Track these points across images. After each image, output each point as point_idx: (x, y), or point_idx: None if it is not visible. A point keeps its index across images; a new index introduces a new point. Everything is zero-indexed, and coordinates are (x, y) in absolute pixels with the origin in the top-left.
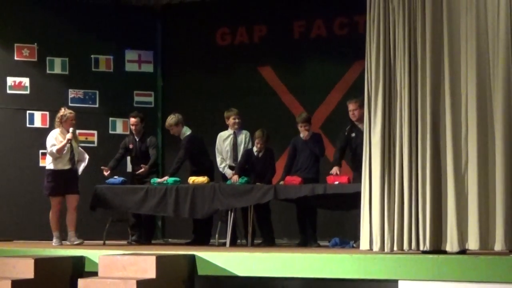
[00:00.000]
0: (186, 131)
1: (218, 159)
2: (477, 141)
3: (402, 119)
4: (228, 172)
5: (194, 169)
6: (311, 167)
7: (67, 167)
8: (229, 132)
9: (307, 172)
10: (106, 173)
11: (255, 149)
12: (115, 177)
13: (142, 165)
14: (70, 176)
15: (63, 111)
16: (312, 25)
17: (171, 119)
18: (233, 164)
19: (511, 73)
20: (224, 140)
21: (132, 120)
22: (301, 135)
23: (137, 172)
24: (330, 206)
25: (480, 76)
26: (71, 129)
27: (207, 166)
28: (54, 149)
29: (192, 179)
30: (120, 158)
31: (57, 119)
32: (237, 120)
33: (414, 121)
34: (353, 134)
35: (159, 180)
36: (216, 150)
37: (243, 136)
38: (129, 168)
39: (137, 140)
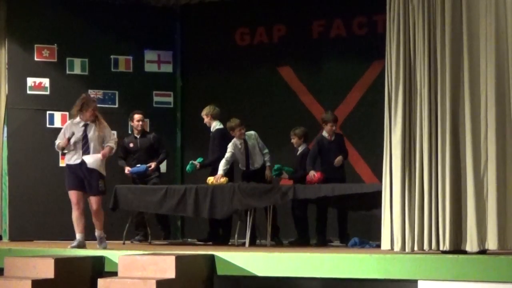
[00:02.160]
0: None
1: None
2: (496, 141)
3: (422, 118)
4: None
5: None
6: (339, 167)
7: (77, 161)
8: (237, 142)
9: (336, 172)
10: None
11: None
12: (138, 165)
13: (151, 164)
14: (85, 173)
15: (84, 96)
16: (331, 25)
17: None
18: (244, 169)
19: None
20: (238, 149)
21: (139, 116)
22: (326, 134)
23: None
24: (350, 207)
25: (500, 76)
26: (72, 134)
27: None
28: (56, 144)
29: (210, 180)
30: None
31: (75, 107)
32: (242, 131)
33: (434, 121)
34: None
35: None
36: (230, 155)
37: (252, 139)
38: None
39: (138, 137)
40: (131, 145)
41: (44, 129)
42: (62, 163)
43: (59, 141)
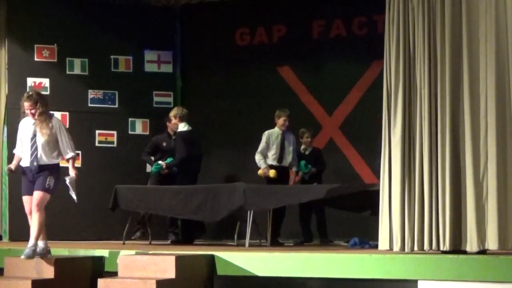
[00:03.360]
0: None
1: (258, 154)
2: (497, 142)
3: (422, 119)
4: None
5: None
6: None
7: (26, 164)
8: (278, 131)
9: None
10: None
11: (302, 147)
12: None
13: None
14: (36, 175)
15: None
16: (331, 25)
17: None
18: (275, 164)
19: None
20: (274, 139)
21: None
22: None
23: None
24: (349, 207)
25: (500, 76)
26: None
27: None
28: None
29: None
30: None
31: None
32: (287, 123)
33: (434, 121)
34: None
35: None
36: (264, 146)
37: (291, 138)
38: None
39: (173, 137)
40: (164, 144)
41: None
42: (62, 164)
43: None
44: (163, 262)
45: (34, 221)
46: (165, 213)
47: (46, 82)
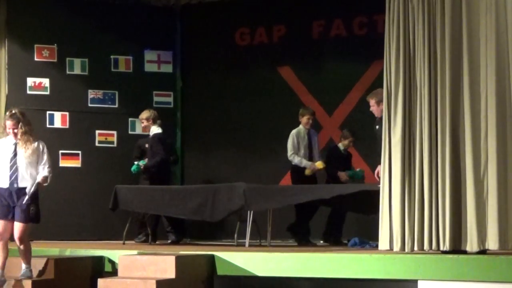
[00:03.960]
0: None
1: (294, 155)
2: (497, 141)
3: (422, 119)
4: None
5: None
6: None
7: (4, 186)
8: (303, 130)
9: None
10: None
11: (341, 147)
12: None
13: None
14: (15, 198)
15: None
16: (331, 25)
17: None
18: None
19: None
20: (302, 138)
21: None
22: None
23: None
24: (350, 207)
25: (500, 76)
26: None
27: None
28: None
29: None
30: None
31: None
32: (310, 121)
33: (434, 121)
34: None
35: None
36: (292, 147)
37: (316, 136)
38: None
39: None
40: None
41: (44, 129)
42: (62, 163)
43: None
44: (163, 262)
45: (22, 251)
46: (165, 213)
47: (46, 82)
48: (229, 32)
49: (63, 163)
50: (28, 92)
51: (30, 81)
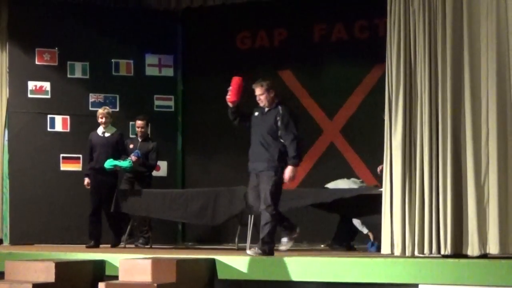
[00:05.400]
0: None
1: None
2: (497, 145)
3: (423, 122)
4: None
5: None
6: None
7: None
8: None
9: None
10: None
11: None
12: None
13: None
14: None
15: None
16: (333, 29)
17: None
18: None
19: None
20: None
21: (139, 122)
22: None
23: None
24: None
25: (501, 80)
26: None
27: None
28: None
29: None
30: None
31: None
32: None
33: (435, 125)
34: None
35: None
36: None
37: None
38: None
39: (140, 141)
40: (131, 146)
41: (45, 132)
42: (63, 167)
43: None
44: (164, 266)
45: None
46: (166, 217)
47: (47, 85)
48: (230, 36)
49: (64, 166)
50: (29, 95)
51: (31, 84)
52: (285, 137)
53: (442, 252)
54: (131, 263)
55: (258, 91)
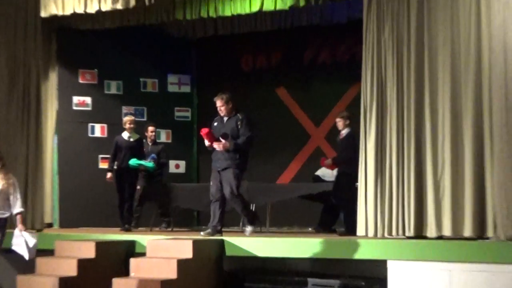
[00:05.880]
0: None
1: None
2: (451, 149)
3: (391, 130)
4: None
5: None
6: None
7: None
8: None
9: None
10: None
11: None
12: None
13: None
14: None
15: None
16: (319, 54)
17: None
18: None
19: (477, 95)
20: None
21: (152, 128)
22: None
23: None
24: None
25: (454, 98)
26: None
27: None
28: None
29: None
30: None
31: None
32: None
33: (401, 132)
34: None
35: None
36: None
37: None
38: None
39: (150, 145)
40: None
41: (86, 137)
42: (101, 165)
43: None
44: (183, 245)
45: None
46: (184, 206)
47: (88, 100)
48: (235, 59)
49: (102, 165)
50: (74, 108)
51: (75, 99)
52: (243, 134)
53: (407, 234)
54: (156, 243)
55: (218, 103)
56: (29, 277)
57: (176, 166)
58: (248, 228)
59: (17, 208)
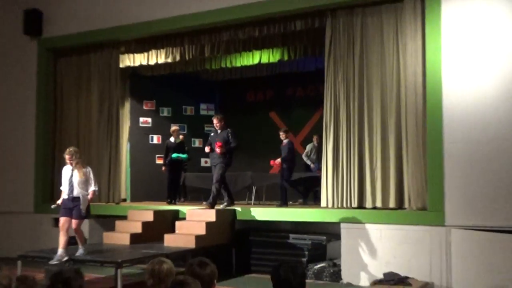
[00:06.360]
0: None
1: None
2: (381, 151)
3: (343, 139)
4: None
5: None
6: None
7: (65, 196)
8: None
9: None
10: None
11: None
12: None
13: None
14: (71, 203)
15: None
16: (296, 90)
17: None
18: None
19: (398, 115)
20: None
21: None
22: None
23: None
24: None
25: (383, 116)
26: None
27: None
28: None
29: None
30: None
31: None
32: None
33: (349, 139)
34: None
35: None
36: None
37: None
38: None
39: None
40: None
41: (148, 144)
42: (157, 161)
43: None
44: (210, 213)
45: (78, 238)
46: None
47: (149, 120)
48: (243, 93)
49: (158, 161)
50: (140, 125)
51: (141, 119)
52: (233, 142)
53: (352, 206)
54: (192, 211)
55: (215, 121)
56: (111, 233)
57: (205, 162)
58: (225, 204)
59: (92, 187)
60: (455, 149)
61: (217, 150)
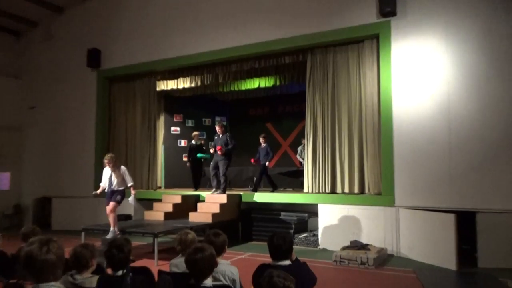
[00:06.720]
0: None
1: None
2: (348, 148)
3: (319, 141)
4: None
5: None
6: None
7: (108, 190)
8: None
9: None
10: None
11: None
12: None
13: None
14: (112, 195)
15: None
16: (286, 106)
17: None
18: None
19: (360, 125)
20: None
21: (198, 133)
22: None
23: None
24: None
25: (350, 126)
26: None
27: None
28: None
29: None
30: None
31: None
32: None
33: (325, 141)
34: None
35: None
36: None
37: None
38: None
39: (196, 144)
40: (192, 146)
41: (177, 146)
42: (183, 159)
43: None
44: (222, 197)
45: (111, 220)
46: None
47: (178, 129)
48: (247, 109)
49: (184, 159)
50: (171, 133)
51: (172, 128)
52: (230, 144)
53: (327, 191)
54: (209, 196)
55: (217, 128)
56: (150, 211)
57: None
58: (218, 192)
59: (129, 183)
60: (402, 149)
61: (218, 152)
